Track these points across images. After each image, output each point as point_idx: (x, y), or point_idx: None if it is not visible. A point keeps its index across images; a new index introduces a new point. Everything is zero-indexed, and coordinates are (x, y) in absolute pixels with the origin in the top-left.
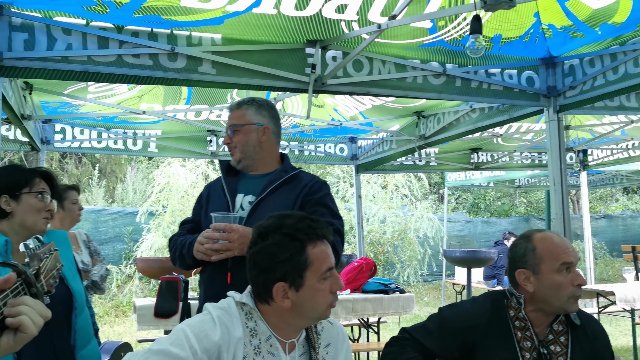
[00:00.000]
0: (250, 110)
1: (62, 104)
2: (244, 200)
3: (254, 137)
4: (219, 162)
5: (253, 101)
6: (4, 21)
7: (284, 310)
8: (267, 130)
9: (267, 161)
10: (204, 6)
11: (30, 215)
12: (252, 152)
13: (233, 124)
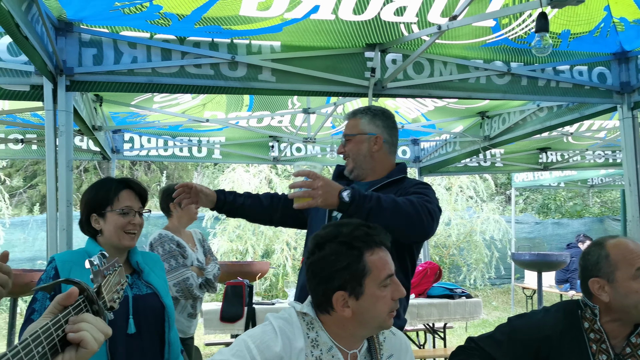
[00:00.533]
0: (364, 119)
1: (130, 114)
2: None
3: (366, 147)
4: (336, 166)
5: (368, 110)
6: (74, 38)
7: (345, 319)
8: (379, 140)
9: (378, 170)
10: (263, 15)
11: (115, 232)
12: (362, 162)
13: (346, 133)
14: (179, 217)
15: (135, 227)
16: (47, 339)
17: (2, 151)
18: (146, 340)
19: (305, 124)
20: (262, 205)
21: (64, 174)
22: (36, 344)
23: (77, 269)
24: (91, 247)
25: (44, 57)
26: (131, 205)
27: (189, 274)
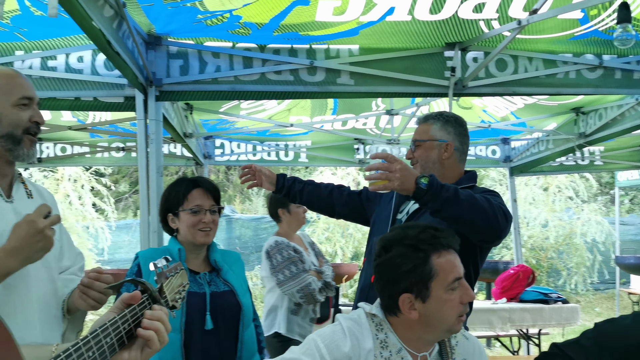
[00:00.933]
0: (436, 125)
1: (219, 121)
2: (412, 208)
3: (435, 154)
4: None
5: (440, 116)
6: (163, 50)
7: (412, 322)
8: (450, 147)
9: (447, 178)
10: (339, 19)
11: (188, 231)
12: (431, 168)
13: (416, 138)
14: (289, 222)
15: (207, 224)
16: (114, 331)
17: (106, 159)
18: (222, 337)
19: (389, 126)
20: (320, 194)
21: (154, 179)
22: (105, 335)
23: None
24: (172, 245)
25: (135, 70)
26: (201, 204)
27: (310, 279)
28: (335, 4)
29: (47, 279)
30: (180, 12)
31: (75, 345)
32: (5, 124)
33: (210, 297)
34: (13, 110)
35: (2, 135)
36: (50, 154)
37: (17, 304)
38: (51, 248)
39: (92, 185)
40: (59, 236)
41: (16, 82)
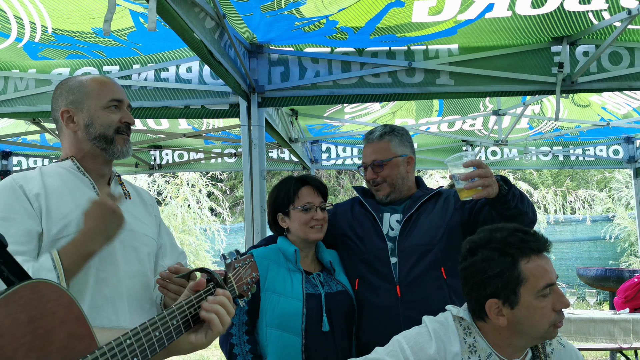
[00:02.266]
0: (394, 141)
1: (324, 125)
2: (392, 219)
3: (402, 169)
4: (355, 188)
5: (393, 131)
6: (264, 58)
7: (500, 328)
8: (412, 160)
9: (410, 188)
10: (435, 19)
11: (300, 228)
12: (400, 185)
13: (379, 159)
14: None
15: (318, 221)
16: (180, 314)
17: (220, 164)
18: (339, 338)
19: (497, 126)
20: None
21: (257, 182)
22: (171, 317)
23: (273, 265)
24: (285, 245)
25: (238, 78)
26: (312, 202)
27: None
28: (430, 3)
29: (139, 273)
30: (279, 20)
31: (142, 325)
32: (97, 126)
33: (325, 299)
34: (104, 112)
35: (95, 136)
36: (169, 160)
37: (108, 297)
38: (123, 223)
39: (209, 190)
40: (159, 235)
41: (106, 86)
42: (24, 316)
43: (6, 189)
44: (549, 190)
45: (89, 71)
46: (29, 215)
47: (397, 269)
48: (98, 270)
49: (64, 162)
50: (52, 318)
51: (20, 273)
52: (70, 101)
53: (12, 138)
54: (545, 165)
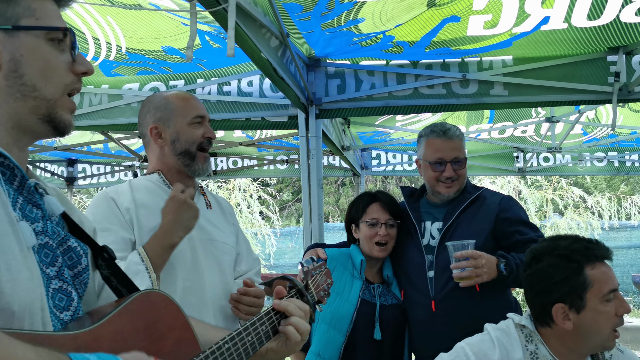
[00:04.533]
0: (463, 141)
1: (375, 133)
2: (433, 228)
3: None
4: (402, 189)
5: (458, 129)
6: (321, 72)
7: (565, 333)
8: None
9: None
10: (491, 32)
11: (366, 243)
12: (463, 184)
13: (458, 156)
14: None
15: (382, 237)
16: (268, 320)
17: (272, 170)
18: (388, 348)
19: (550, 133)
20: None
21: (315, 191)
22: (260, 323)
23: (340, 267)
24: (355, 253)
25: (297, 92)
26: (378, 218)
27: None
28: (486, 18)
29: (221, 282)
30: (337, 36)
31: (237, 330)
32: (183, 142)
33: (379, 309)
34: (188, 128)
35: (180, 152)
36: (224, 167)
37: (194, 305)
38: (199, 214)
39: (260, 195)
40: (237, 243)
41: (190, 103)
42: (140, 323)
43: (101, 202)
44: (603, 196)
45: (156, 86)
46: (122, 225)
47: (434, 283)
48: (184, 279)
49: (151, 176)
50: (163, 324)
51: (127, 283)
52: (157, 118)
53: (78, 147)
54: (600, 171)
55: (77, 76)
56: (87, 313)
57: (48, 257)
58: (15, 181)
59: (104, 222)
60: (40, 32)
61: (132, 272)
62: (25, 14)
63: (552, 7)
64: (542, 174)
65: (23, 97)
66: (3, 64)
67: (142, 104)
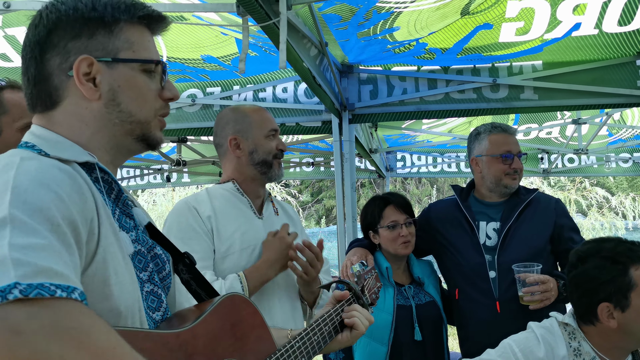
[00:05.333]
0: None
1: (401, 135)
2: (488, 228)
3: None
4: (453, 187)
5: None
6: (354, 78)
7: (609, 330)
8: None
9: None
10: (522, 39)
11: (390, 245)
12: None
13: (520, 151)
14: None
15: (404, 237)
16: (330, 321)
17: (298, 173)
18: (429, 348)
19: (576, 134)
20: None
21: (349, 194)
22: (324, 324)
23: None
24: (381, 260)
25: (332, 98)
26: (396, 220)
27: None
28: (518, 25)
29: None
30: (372, 44)
31: (305, 330)
32: (261, 153)
33: (416, 309)
34: (265, 140)
35: (258, 162)
36: None
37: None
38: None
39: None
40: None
41: (265, 117)
42: (228, 323)
43: (184, 212)
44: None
45: (194, 93)
46: (205, 234)
47: (497, 284)
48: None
49: (226, 185)
50: (245, 324)
51: (206, 286)
52: (237, 130)
53: None
54: (625, 172)
55: (164, 102)
56: (173, 314)
57: (141, 263)
58: (112, 194)
59: (188, 230)
60: (136, 64)
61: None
62: (124, 47)
63: (583, 14)
64: (567, 175)
65: (120, 123)
66: (103, 94)
67: (218, 117)
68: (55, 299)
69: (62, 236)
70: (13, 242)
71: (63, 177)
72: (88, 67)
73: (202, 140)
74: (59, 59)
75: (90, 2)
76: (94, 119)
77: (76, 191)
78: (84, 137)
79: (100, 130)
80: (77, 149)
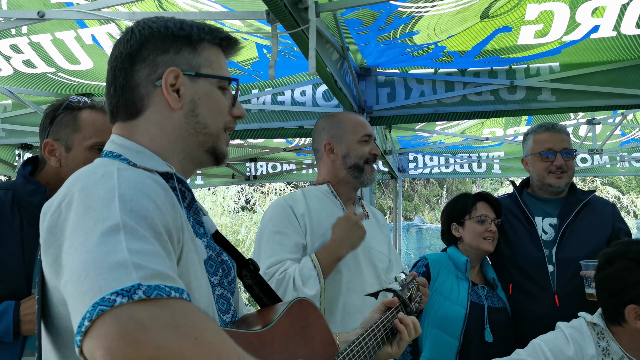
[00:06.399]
0: (569, 136)
1: (414, 136)
2: (544, 223)
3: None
4: (512, 182)
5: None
6: (372, 81)
7: (636, 331)
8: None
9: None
10: (540, 41)
11: (474, 239)
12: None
13: (568, 148)
14: None
15: (491, 233)
16: (383, 327)
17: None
18: (497, 350)
19: (590, 134)
20: None
21: (367, 195)
22: (378, 330)
23: (443, 270)
24: (454, 253)
25: (351, 100)
26: (487, 214)
27: None
28: (537, 28)
29: (378, 286)
30: (391, 47)
31: (362, 335)
32: (353, 157)
33: (487, 311)
34: (358, 145)
35: (350, 166)
36: (264, 171)
37: (358, 306)
38: (365, 235)
39: None
40: (389, 253)
41: (361, 123)
42: (298, 326)
43: (280, 209)
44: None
45: None
46: (296, 231)
47: (555, 278)
48: (348, 281)
49: (321, 187)
50: (313, 328)
51: (268, 291)
52: (332, 135)
53: None
54: (638, 172)
55: (233, 118)
56: (242, 317)
57: (212, 268)
58: (185, 202)
59: (280, 226)
60: (214, 80)
61: (305, 276)
62: (205, 64)
63: (602, 16)
64: (580, 175)
65: (195, 133)
66: (185, 104)
67: (317, 123)
68: (171, 299)
69: (164, 243)
70: (130, 247)
71: (157, 187)
72: (175, 78)
73: None
74: (147, 71)
75: (179, 22)
76: (173, 128)
77: (169, 201)
78: (162, 147)
79: (177, 140)
80: (157, 159)
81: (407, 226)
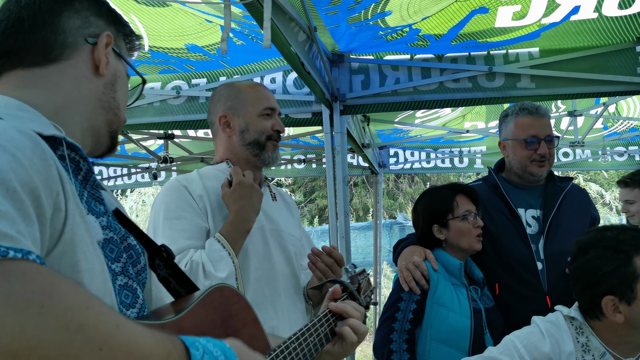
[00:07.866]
0: (550, 119)
1: (394, 130)
2: (527, 215)
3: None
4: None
5: (547, 108)
6: (345, 67)
7: (616, 325)
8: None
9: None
10: (519, 23)
11: (464, 239)
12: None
13: (551, 134)
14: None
15: (479, 229)
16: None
17: (289, 170)
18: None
19: (572, 127)
20: None
21: (341, 188)
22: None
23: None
24: (445, 257)
25: (322, 87)
26: (469, 209)
27: None
28: (515, 9)
29: (291, 274)
30: (363, 30)
31: (301, 331)
32: (252, 132)
33: (485, 313)
34: (258, 119)
35: (249, 142)
36: None
37: (267, 296)
38: (262, 195)
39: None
40: (300, 238)
41: (262, 94)
42: (217, 317)
43: (174, 191)
44: None
45: (179, 85)
46: (197, 214)
47: (545, 276)
48: (257, 269)
49: (219, 165)
50: (236, 320)
51: (187, 283)
52: (228, 107)
53: None
54: (620, 166)
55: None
56: (152, 311)
57: (113, 253)
58: (80, 175)
59: (177, 210)
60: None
61: (215, 259)
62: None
63: None
64: (562, 169)
65: (108, 109)
66: (108, 75)
67: (212, 94)
68: (7, 259)
69: (19, 204)
70: None
71: (23, 139)
72: (106, 45)
73: (190, 136)
74: (79, 22)
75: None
76: (89, 91)
77: (39, 157)
78: (67, 104)
79: (88, 105)
80: (43, 120)
81: (389, 224)
